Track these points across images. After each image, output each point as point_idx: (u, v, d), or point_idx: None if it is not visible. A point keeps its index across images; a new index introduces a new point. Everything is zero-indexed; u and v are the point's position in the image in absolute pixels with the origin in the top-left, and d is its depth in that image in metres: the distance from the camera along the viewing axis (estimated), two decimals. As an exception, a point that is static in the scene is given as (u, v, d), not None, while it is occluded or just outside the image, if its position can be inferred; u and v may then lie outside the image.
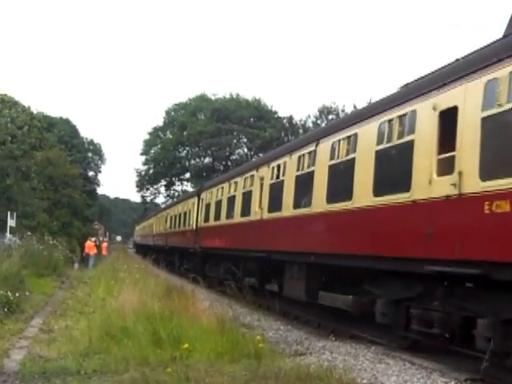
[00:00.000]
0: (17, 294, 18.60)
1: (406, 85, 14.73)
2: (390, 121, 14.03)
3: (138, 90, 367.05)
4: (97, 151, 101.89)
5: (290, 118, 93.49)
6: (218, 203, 30.48)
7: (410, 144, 13.01)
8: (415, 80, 14.39)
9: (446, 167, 11.62)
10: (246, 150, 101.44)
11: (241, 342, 12.36)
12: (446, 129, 11.87)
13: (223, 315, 14.22)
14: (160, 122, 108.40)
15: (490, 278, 10.38)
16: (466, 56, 12.66)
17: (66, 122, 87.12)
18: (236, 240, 26.40)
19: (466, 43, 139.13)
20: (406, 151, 13.04)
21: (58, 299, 23.26)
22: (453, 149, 11.49)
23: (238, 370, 10.32)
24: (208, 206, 33.18)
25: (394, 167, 13.68)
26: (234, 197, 27.48)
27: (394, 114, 13.88)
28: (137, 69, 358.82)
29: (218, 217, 30.20)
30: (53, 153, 58.72)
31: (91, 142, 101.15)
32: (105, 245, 58.99)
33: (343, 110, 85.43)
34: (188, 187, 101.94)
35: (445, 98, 12.10)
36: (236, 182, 27.62)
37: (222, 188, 30.36)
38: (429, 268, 11.82)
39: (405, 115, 13.49)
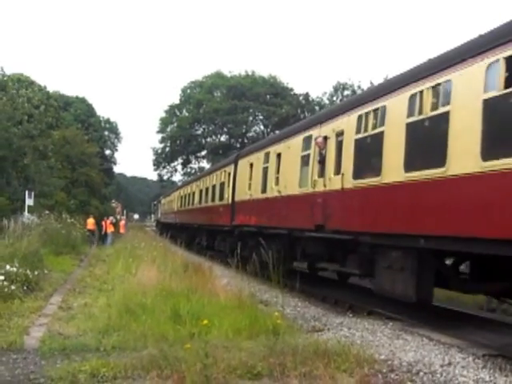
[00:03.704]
0: (36, 272, 18.71)
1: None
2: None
3: (154, 68, 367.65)
4: (113, 129, 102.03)
5: (307, 95, 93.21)
6: None
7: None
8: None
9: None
10: (262, 127, 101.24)
11: (259, 319, 12.40)
12: None
13: (241, 292, 14.28)
14: (176, 100, 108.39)
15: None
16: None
17: (82, 100, 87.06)
18: None
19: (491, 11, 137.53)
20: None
21: (76, 277, 23.38)
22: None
23: (256, 346, 10.35)
24: None
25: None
26: None
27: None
28: (153, 47, 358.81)
29: None
30: (69, 132, 58.80)
31: (107, 121, 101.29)
32: (122, 223, 59.29)
33: (359, 86, 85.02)
34: (204, 164, 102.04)
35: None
36: None
37: None
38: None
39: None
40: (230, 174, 31.48)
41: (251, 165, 26.90)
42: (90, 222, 48.92)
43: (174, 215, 59.68)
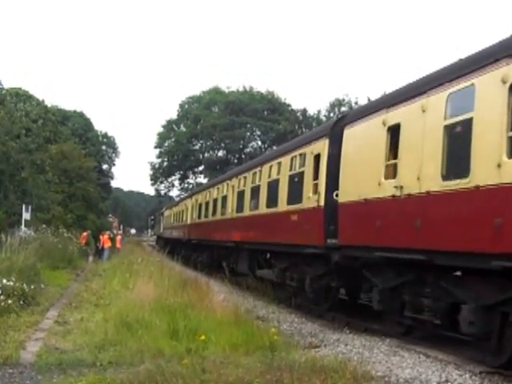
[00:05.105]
0: (32, 287, 18.68)
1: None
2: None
3: (152, 83, 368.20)
4: (111, 144, 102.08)
5: (304, 111, 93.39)
6: None
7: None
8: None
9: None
10: (259, 142, 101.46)
11: (256, 334, 12.40)
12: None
13: (238, 308, 14.27)
14: (174, 115, 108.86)
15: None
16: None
17: (80, 115, 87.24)
18: None
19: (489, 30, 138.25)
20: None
21: (73, 292, 23.33)
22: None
23: (252, 362, 10.34)
24: None
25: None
26: None
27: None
28: (150, 62, 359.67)
29: None
30: (67, 146, 58.80)
31: (105, 135, 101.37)
32: (119, 238, 59.04)
33: (356, 103, 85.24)
34: (201, 179, 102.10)
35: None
36: None
37: None
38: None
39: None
40: (317, 156, 18.64)
41: (392, 129, 14.10)
42: (82, 236, 49.14)
43: (185, 229, 47.22)
